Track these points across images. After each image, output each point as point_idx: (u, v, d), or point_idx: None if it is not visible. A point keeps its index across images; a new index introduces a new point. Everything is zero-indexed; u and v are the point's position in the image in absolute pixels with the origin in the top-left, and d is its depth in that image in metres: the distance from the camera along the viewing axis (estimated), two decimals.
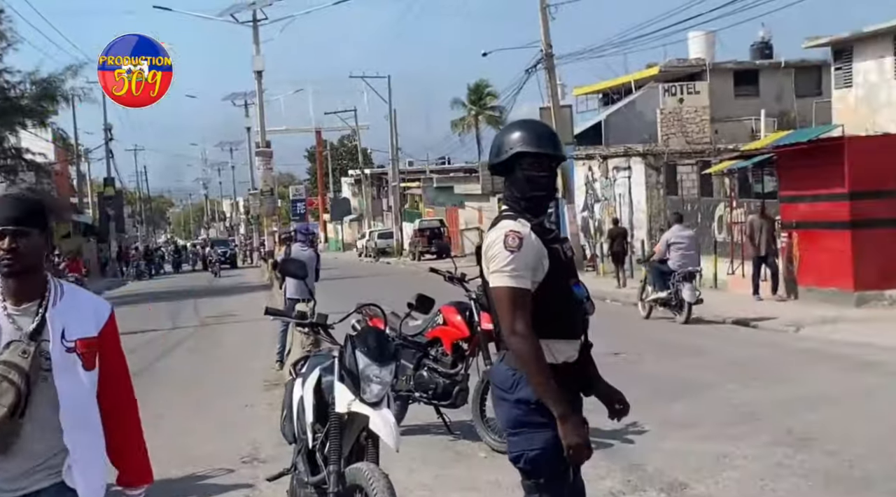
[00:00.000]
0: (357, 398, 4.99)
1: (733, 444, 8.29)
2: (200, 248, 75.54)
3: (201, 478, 8.10)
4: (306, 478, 5.44)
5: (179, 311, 27.85)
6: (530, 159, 4.21)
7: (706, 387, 11.33)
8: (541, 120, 19.69)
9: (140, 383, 13.89)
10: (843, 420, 9.43)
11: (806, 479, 7.25)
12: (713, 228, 25.60)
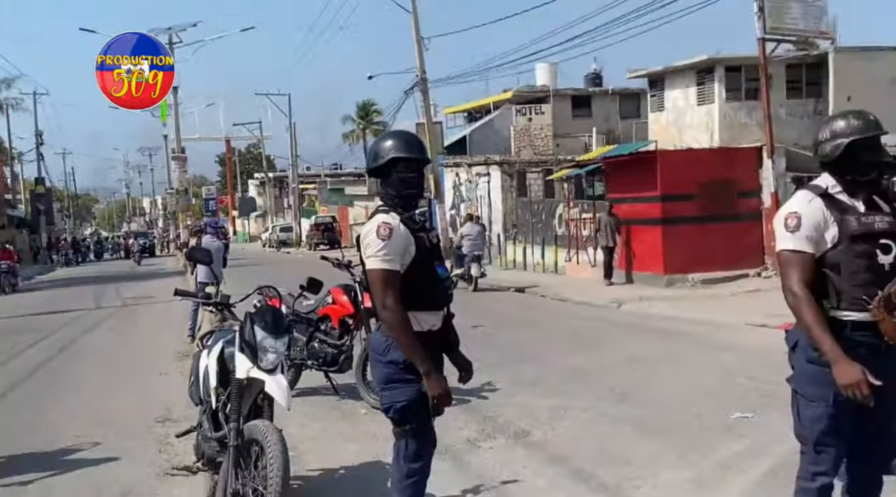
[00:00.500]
0: (255, 366, 4.95)
1: (568, 399, 8.43)
2: (123, 240, 73.65)
3: (118, 436, 7.90)
4: (210, 433, 5.34)
5: (103, 293, 26.57)
6: (403, 163, 4.30)
7: (547, 352, 11.53)
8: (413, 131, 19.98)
9: (65, 356, 13.55)
10: (653, 379, 9.65)
11: (623, 426, 7.43)
12: (554, 224, 25.87)
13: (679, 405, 8.16)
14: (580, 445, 6.80)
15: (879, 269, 3.77)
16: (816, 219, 3.84)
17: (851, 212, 3.86)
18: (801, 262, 3.84)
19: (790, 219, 3.89)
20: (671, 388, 9.07)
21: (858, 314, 3.76)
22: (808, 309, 3.76)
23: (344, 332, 8.88)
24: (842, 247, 3.80)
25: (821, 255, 3.85)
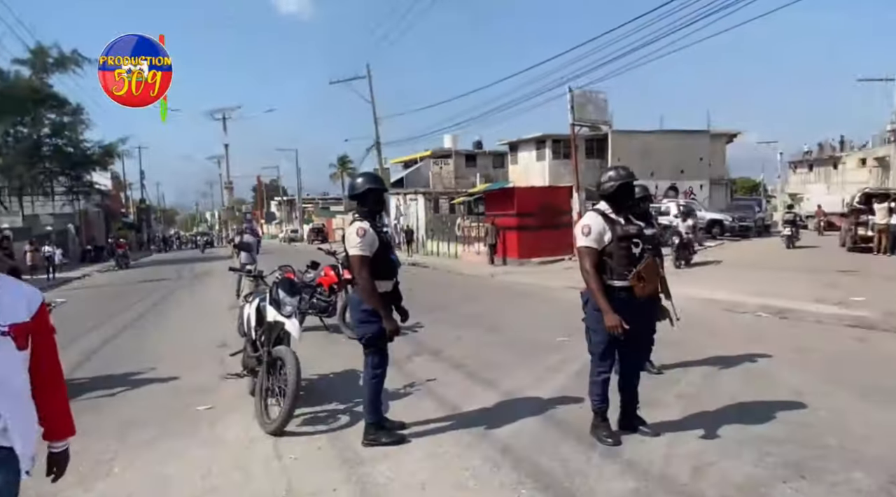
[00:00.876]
0: (279, 313, 4.88)
1: (463, 331, 8.47)
2: (194, 237, 71.16)
3: (193, 354, 7.66)
4: (251, 354, 5.23)
5: (181, 269, 25.67)
6: (375, 192, 4.30)
7: (450, 304, 11.51)
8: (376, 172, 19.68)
9: (159, 308, 12.97)
10: (512, 318, 9.68)
11: (496, 347, 7.43)
12: (455, 229, 25.89)
13: (527, 333, 8.23)
14: (471, 358, 6.82)
15: (633, 255, 3.99)
16: (600, 228, 4.00)
17: (617, 224, 4.07)
18: (591, 253, 4.02)
19: (585, 228, 4.08)
20: (522, 323, 9.11)
21: (622, 282, 3.98)
22: (594, 280, 3.99)
23: (331, 293, 8.78)
24: (613, 244, 3.98)
25: (602, 249, 4.00)
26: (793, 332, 7.96)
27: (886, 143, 39.77)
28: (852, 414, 4.48)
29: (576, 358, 6.50)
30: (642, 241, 4.09)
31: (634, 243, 4.05)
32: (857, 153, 51.07)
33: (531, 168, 32.41)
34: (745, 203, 32.80)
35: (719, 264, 17.29)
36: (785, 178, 62.75)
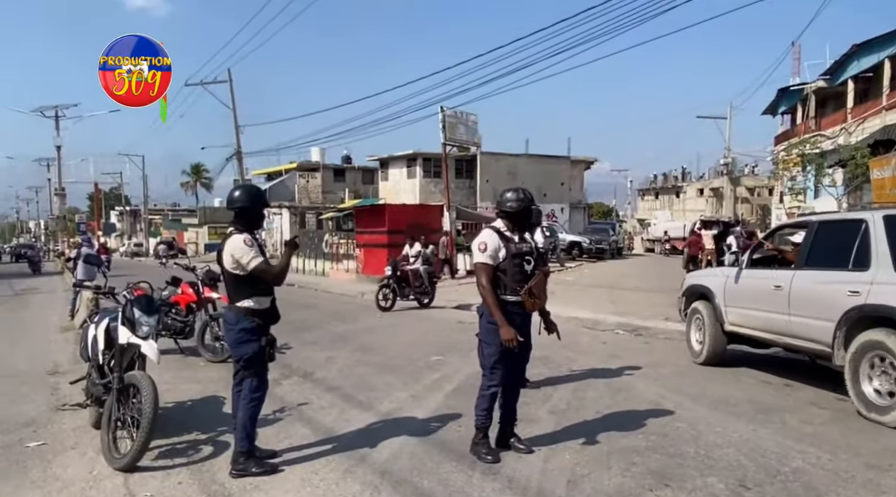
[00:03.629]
0: (133, 334, 4.52)
1: (336, 352, 8.29)
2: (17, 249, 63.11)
3: (19, 384, 6.74)
4: (97, 380, 4.77)
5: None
6: (253, 208, 4.23)
7: (321, 324, 11.25)
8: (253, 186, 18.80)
9: None
10: (387, 338, 9.58)
11: (370, 367, 7.36)
12: (323, 246, 25.38)
13: (401, 352, 8.18)
14: (345, 380, 6.68)
15: (525, 272, 4.15)
16: (495, 245, 4.14)
17: (512, 241, 4.21)
18: (487, 269, 4.13)
19: (481, 245, 4.19)
20: (395, 343, 9.06)
21: (514, 297, 4.10)
22: (490, 295, 4.09)
23: (189, 312, 8.20)
24: (507, 260, 4.13)
25: (496, 265, 4.14)
26: (647, 348, 8.69)
27: (720, 176, 44.98)
28: (704, 424, 4.95)
29: (452, 376, 6.63)
30: (534, 258, 4.28)
31: (527, 261, 4.23)
32: (696, 183, 57.44)
33: (401, 185, 32.74)
34: (601, 227, 35.51)
35: (579, 284, 18.47)
36: (635, 205, 68.99)
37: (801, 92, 29.33)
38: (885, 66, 22.45)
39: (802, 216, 8.45)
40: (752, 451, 4.33)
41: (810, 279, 5.74)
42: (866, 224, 5.35)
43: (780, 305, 6.01)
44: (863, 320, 5.12)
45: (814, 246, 5.93)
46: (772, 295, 6.13)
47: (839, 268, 5.45)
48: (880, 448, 4.41)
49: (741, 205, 44.42)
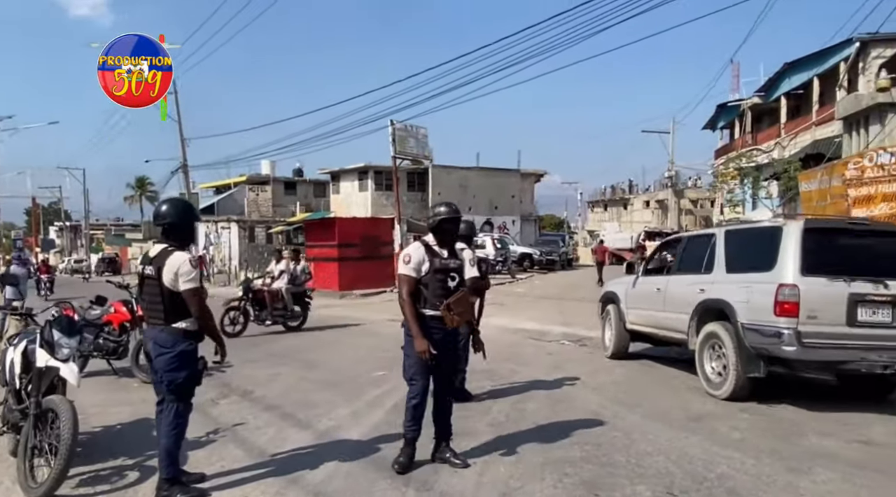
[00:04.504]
0: (52, 357, 4.29)
1: (278, 369, 8.10)
2: None
3: None
4: (14, 406, 4.52)
5: None
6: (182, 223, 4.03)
7: (263, 341, 11.01)
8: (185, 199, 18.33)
9: None
10: (331, 353, 9.41)
11: (313, 383, 7.22)
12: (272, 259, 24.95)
13: (346, 368, 8.08)
14: (286, 398, 6.53)
15: (448, 288, 4.21)
16: (419, 258, 4.19)
17: (438, 256, 4.24)
18: (409, 281, 4.16)
19: (406, 257, 4.22)
20: (341, 358, 8.92)
21: (433, 311, 4.17)
22: (408, 307, 4.15)
23: (122, 332, 7.87)
24: (430, 275, 4.15)
25: (419, 278, 4.16)
26: (590, 358, 8.83)
27: (665, 188, 46.32)
28: (638, 432, 5.05)
29: (394, 391, 6.57)
30: (459, 275, 4.30)
31: (451, 276, 4.26)
32: (642, 196, 58.98)
33: (353, 198, 32.57)
34: (552, 238, 36.11)
35: (529, 295, 18.67)
36: (585, 216, 70.33)
37: (738, 108, 30.58)
38: (814, 84, 23.64)
39: None
40: (680, 458, 4.44)
41: (677, 282, 7.06)
42: (714, 237, 6.74)
43: (659, 304, 7.33)
44: (706, 312, 6.35)
45: (683, 255, 7.29)
46: (654, 296, 7.44)
47: (696, 272, 6.73)
48: (801, 451, 4.59)
49: (685, 216, 45.80)
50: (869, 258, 5.75)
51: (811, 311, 5.47)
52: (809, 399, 6.08)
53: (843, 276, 5.52)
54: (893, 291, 5.52)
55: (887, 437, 4.90)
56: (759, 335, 5.69)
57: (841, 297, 5.48)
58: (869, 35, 18.25)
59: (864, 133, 16.61)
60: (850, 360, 5.47)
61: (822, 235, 5.79)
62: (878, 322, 5.52)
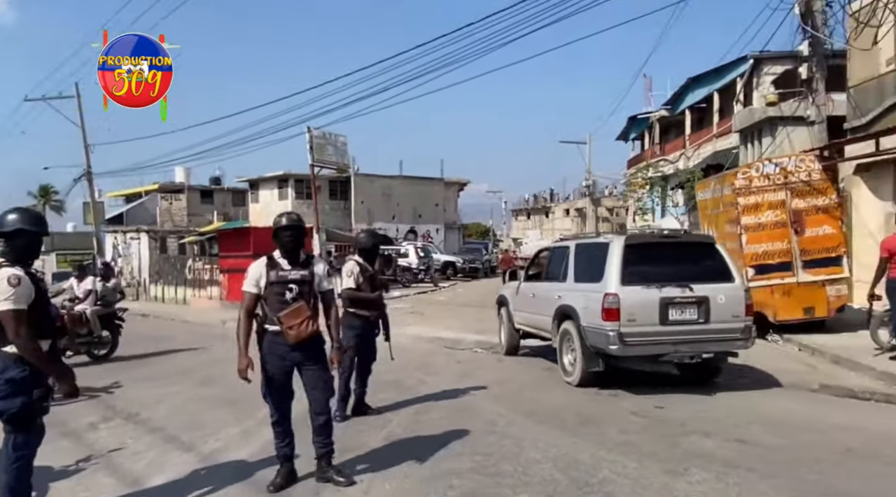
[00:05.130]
0: None
1: (172, 388, 7.66)
2: None
3: None
4: None
5: None
6: (28, 234, 3.53)
7: (165, 358, 10.48)
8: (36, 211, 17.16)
9: None
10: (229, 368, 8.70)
11: (204, 403, 6.89)
12: (185, 272, 23.86)
13: (245, 384, 7.74)
14: (174, 419, 6.17)
15: (285, 301, 4.11)
16: (257, 272, 4.16)
17: (277, 268, 4.15)
18: (246, 297, 4.13)
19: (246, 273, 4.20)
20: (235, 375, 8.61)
21: (274, 327, 4.10)
22: (242, 324, 4.11)
23: None
24: (268, 288, 4.05)
25: (259, 293, 4.13)
26: (500, 365, 8.88)
27: (583, 197, 47.76)
28: (530, 440, 5.07)
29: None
30: (300, 286, 4.13)
31: (289, 289, 4.09)
32: (562, 204, 60.67)
33: (273, 207, 31.69)
34: (475, 246, 36.47)
35: (451, 303, 18.71)
36: (510, 224, 71.62)
37: (647, 120, 31.98)
38: (714, 98, 25.04)
39: None
40: (567, 464, 4.47)
41: (545, 288, 8.10)
42: (569, 249, 7.73)
43: (534, 307, 8.31)
44: (561, 315, 7.32)
45: (549, 265, 8.34)
46: (531, 300, 8.47)
47: (557, 280, 7.77)
48: (681, 452, 4.73)
49: (603, 224, 47.37)
50: (678, 266, 6.72)
51: (630, 314, 6.42)
52: (691, 393, 6.34)
53: (656, 283, 6.49)
54: (697, 294, 6.50)
55: (762, 436, 5.13)
56: (595, 336, 6.65)
57: (654, 301, 6.45)
58: (761, 53, 19.49)
59: (757, 144, 17.68)
60: (665, 353, 6.59)
61: (639, 249, 6.79)
62: (686, 320, 6.53)
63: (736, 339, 6.67)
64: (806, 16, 12.45)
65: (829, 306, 9.76)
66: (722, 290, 6.61)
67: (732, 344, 6.71)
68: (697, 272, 6.68)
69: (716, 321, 6.56)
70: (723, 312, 6.57)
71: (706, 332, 6.57)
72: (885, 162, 11.17)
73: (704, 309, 6.53)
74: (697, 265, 6.78)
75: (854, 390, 6.71)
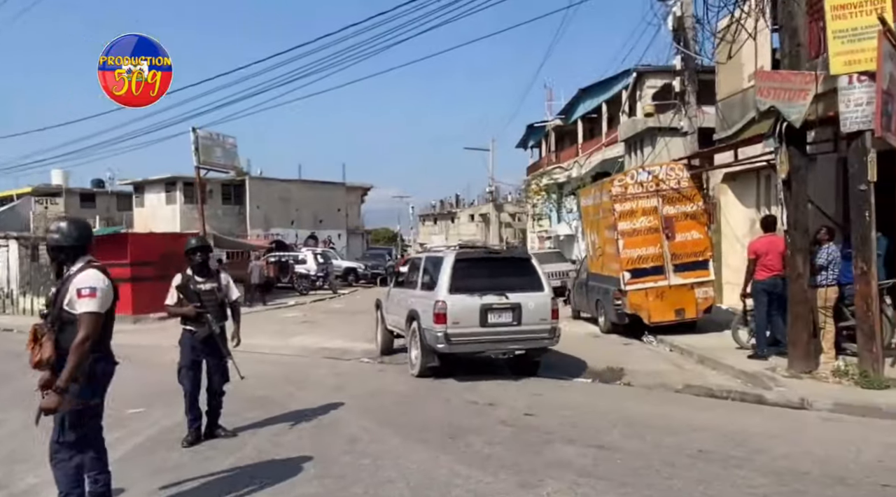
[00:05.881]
0: None
1: (7, 413, 6.86)
2: None
3: None
4: None
5: None
6: None
7: (21, 376, 9.35)
8: None
9: None
10: None
11: (28, 431, 6.17)
12: None
13: None
14: None
15: None
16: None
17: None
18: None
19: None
20: None
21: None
22: None
23: None
24: None
25: None
26: (380, 376, 8.59)
27: (487, 203, 48.52)
28: (390, 458, 4.79)
29: (141, 431, 5.80)
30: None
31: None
32: (467, 210, 61.40)
33: (160, 212, 29.87)
34: (378, 252, 35.98)
35: (346, 311, 18.21)
36: (417, 230, 71.65)
37: (544, 128, 32.90)
38: (603, 109, 26.10)
39: None
40: (421, 483, 4.24)
41: (404, 294, 9.11)
42: (421, 260, 8.95)
43: (396, 310, 9.26)
44: (410, 317, 8.37)
45: (408, 273, 9.38)
46: (395, 303, 9.38)
47: (411, 287, 8.83)
48: (541, 462, 4.62)
49: (506, 229, 48.36)
50: (498, 278, 7.84)
51: (456, 318, 7.54)
52: (565, 398, 6.32)
53: (478, 292, 7.60)
54: (512, 301, 7.64)
55: (622, 441, 5.13)
56: (429, 335, 7.69)
57: (476, 307, 7.57)
58: (644, 67, 20.48)
59: (640, 153, 18.53)
60: (483, 351, 7.78)
61: (466, 263, 7.93)
62: (502, 323, 7.69)
63: (544, 338, 7.81)
64: (678, 32, 13.11)
65: (698, 308, 10.23)
66: (533, 297, 7.73)
67: (541, 342, 7.84)
68: (514, 283, 7.79)
69: (527, 324, 7.68)
70: (533, 316, 7.69)
71: (519, 332, 7.69)
72: (749, 171, 11.91)
73: (517, 313, 7.65)
74: (514, 277, 7.91)
75: (713, 390, 6.96)
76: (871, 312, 6.50)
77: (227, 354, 5.43)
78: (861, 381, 6.48)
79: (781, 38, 7.34)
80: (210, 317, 5.35)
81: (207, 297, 5.41)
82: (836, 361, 7.13)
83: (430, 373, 7.87)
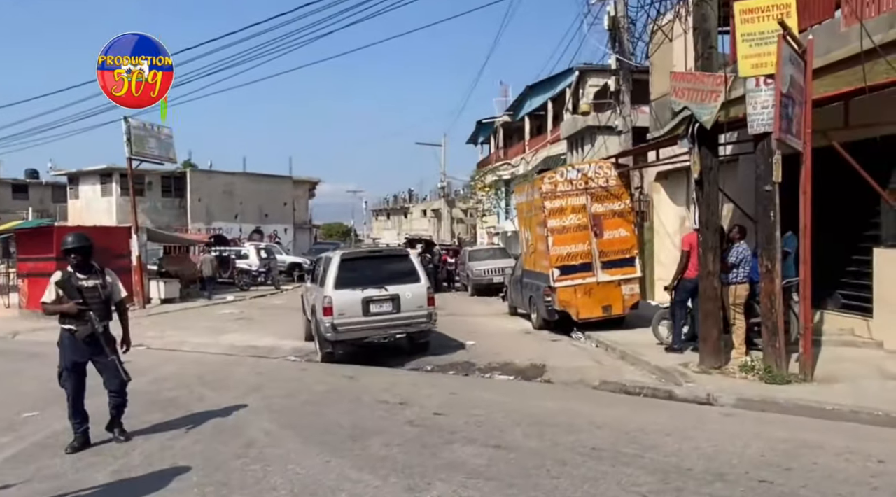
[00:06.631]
0: None
1: None
2: None
3: None
4: None
5: None
6: None
7: None
8: None
9: None
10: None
11: None
12: None
13: None
14: None
15: None
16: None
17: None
18: None
19: None
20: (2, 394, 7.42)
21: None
22: None
23: None
24: None
25: None
26: (301, 375, 8.39)
27: (440, 198, 48.40)
28: (281, 463, 4.62)
29: (27, 437, 5.51)
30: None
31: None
32: (420, 205, 61.17)
33: (95, 204, 28.70)
34: (326, 247, 35.49)
35: (285, 307, 17.83)
36: (370, 224, 71.02)
37: (492, 125, 32.98)
38: (548, 107, 26.29)
39: None
40: (305, 489, 4.10)
41: (311, 289, 10.19)
42: (321, 259, 10.16)
43: (308, 303, 10.39)
44: (312, 310, 9.49)
45: (314, 270, 10.47)
46: (309, 297, 10.37)
47: (315, 283, 9.74)
48: (435, 464, 4.54)
49: (458, 224, 48.39)
50: (379, 273, 8.95)
51: (341, 310, 8.64)
52: (481, 397, 6.28)
53: (360, 286, 8.72)
54: (391, 292, 8.78)
55: (522, 440, 5.09)
56: (322, 326, 8.78)
57: (358, 299, 8.71)
58: (586, 65, 20.69)
59: (581, 151, 18.72)
60: (367, 337, 8.87)
61: (351, 261, 9.08)
62: (382, 312, 8.81)
63: (421, 323, 8.97)
64: (613, 32, 13.26)
65: (625, 304, 10.38)
66: (410, 288, 8.87)
67: (419, 326, 8.99)
68: (394, 276, 8.92)
69: (405, 311, 8.82)
70: (410, 304, 8.84)
71: (398, 319, 8.82)
72: (679, 170, 12.13)
73: (396, 303, 8.79)
74: (394, 271, 9.03)
75: (627, 386, 7.04)
76: (775, 309, 6.67)
77: (109, 353, 5.16)
78: (765, 376, 6.65)
79: (695, 40, 7.45)
80: (93, 314, 5.07)
81: (90, 294, 5.13)
82: (746, 357, 7.31)
83: (329, 359, 8.96)
